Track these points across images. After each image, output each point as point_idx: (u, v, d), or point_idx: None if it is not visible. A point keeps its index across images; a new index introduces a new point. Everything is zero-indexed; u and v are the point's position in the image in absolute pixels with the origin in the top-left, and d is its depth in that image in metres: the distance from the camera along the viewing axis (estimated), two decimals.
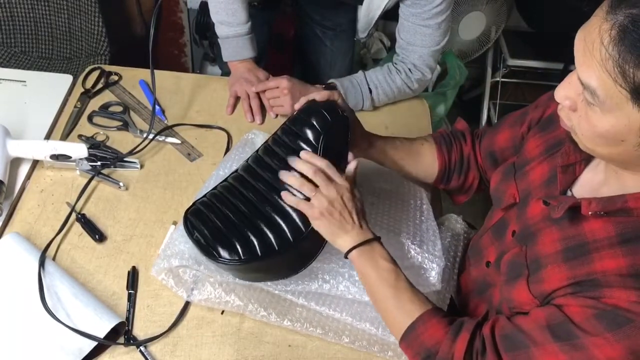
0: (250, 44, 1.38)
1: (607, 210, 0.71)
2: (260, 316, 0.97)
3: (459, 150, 1.09)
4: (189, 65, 2.44)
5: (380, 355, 0.96)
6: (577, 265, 0.73)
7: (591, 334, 0.68)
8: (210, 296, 0.98)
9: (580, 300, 0.71)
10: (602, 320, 0.68)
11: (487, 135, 1.07)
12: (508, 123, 1.03)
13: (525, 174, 0.91)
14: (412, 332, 0.84)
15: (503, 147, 1.03)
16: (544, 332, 0.73)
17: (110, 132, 1.28)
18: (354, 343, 0.96)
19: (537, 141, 0.92)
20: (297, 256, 0.92)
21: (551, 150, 0.87)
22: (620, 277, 0.68)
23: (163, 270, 1.00)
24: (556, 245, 0.77)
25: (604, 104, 0.64)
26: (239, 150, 1.19)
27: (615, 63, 0.61)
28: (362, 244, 0.88)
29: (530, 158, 0.91)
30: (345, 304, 0.97)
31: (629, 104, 0.62)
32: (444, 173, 1.09)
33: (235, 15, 1.34)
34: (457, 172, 1.10)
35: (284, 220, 0.89)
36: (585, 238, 0.74)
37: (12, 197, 1.13)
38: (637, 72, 0.59)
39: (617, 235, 0.71)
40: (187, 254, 0.98)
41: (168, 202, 1.16)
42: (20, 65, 1.95)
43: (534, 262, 0.80)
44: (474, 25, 2.33)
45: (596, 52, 0.62)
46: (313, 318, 0.98)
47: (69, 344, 0.91)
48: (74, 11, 1.89)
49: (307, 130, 0.91)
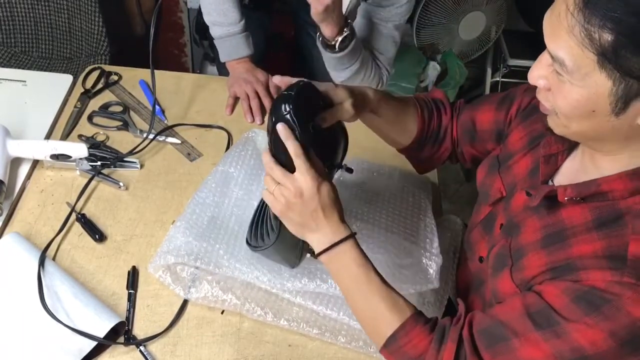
0: (245, 42, 1.38)
1: (583, 195, 0.72)
2: (257, 315, 0.98)
3: (438, 119, 1.05)
4: (189, 65, 2.44)
5: (376, 356, 0.96)
6: (555, 250, 0.74)
7: (571, 320, 0.68)
8: (207, 294, 0.98)
9: (558, 284, 0.71)
10: (580, 303, 0.68)
11: (466, 110, 1.04)
12: (491, 103, 1.01)
13: (509, 167, 0.91)
14: (394, 342, 0.80)
15: (485, 128, 1.01)
16: (524, 320, 0.72)
17: (110, 132, 1.28)
18: (350, 343, 0.96)
19: (520, 133, 0.91)
20: (287, 245, 0.92)
21: (534, 142, 0.87)
22: (595, 259, 0.69)
23: (160, 267, 1.00)
24: (537, 234, 0.78)
25: (573, 74, 0.65)
26: (239, 148, 1.19)
27: (582, 27, 0.62)
28: (330, 247, 0.82)
29: (514, 151, 0.91)
30: (342, 304, 0.97)
31: (596, 69, 0.63)
32: (420, 139, 1.04)
33: (227, 14, 1.34)
34: (432, 140, 1.05)
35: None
36: (564, 224, 0.75)
37: (12, 197, 1.13)
38: (602, 33, 0.61)
39: (593, 220, 0.71)
40: (183, 251, 0.99)
41: (168, 202, 1.16)
42: (20, 65, 1.94)
43: (517, 252, 0.81)
44: (474, 25, 2.33)
45: (562, 20, 0.64)
46: (310, 318, 0.98)
47: (69, 344, 0.91)
48: (74, 11, 1.88)
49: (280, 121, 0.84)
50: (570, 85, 0.67)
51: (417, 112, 1.03)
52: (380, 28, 1.30)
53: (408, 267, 0.97)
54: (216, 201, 1.08)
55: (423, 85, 2.26)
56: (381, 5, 1.27)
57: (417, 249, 1.01)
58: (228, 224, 1.06)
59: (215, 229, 1.04)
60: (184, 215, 1.05)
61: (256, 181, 1.14)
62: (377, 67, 1.33)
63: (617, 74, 0.62)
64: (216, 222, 1.05)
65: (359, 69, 1.28)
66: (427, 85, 2.27)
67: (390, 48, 1.33)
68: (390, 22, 1.30)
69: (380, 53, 1.33)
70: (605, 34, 0.61)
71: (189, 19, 2.27)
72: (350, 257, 0.82)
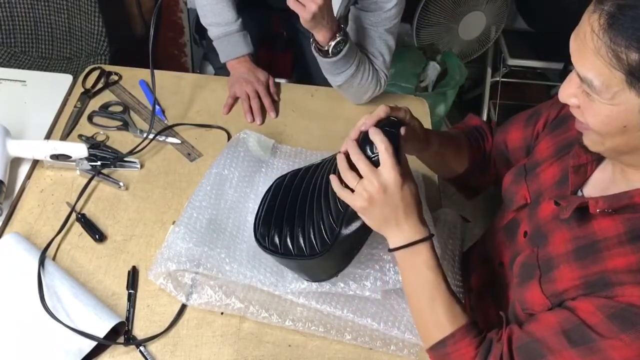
0: (243, 40, 1.38)
1: (614, 207, 0.72)
2: (262, 317, 0.97)
3: (483, 147, 1.08)
4: (189, 65, 2.44)
5: (383, 350, 0.96)
6: (588, 264, 0.74)
7: (606, 337, 0.68)
8: (210, 299, 0.98)
9: (593, 300, 0.71)
10: (616, 320, 0.68)
11: (498, 132, 1.07)
12: (519, 122, 1.03)
13: (536, 175, 0.91)
14: (441, 347, 0.83)
15: (515, 146, 1.03)
16: (559, 338, 0.73)
17: (110, 132, 1.28)
18: (357, 339, 0.96)
19: (548, 142, 0.92)
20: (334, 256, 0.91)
21: (562, 151, 0.88)
22: (631, 274, 0.69)
23: (161, 274, 1.00)
24: (567, 246, 0.78)
25: (602, 93, 0.67)
26: (231, 149, 1.18)
27: (608, 48, 0.64)
28: (406, 245, 0.83)
29: (542, 159, 0.92)
30: (346, 301, 0.97)
31: (625, 88, 0.65)
32: (470, 170, 1.07)
33: (222, 14, 1.34)
34: (480, 169, 1.08)
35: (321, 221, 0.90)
36: (596, 237, 0.75)
37: (12, 197, 1.13)
38: (629, 53, 0.62)
39: (626, 233, 0.71)
40: (184, 257, 0.98)
41: (168, 202, 1.16)
42: (20, 65, 1.95)
43: (546, 263, 0.81)
44: (474, 25, 2.33)
45: (589, 42, 0.65)
46: (314, 317, 0.98)
47: (69, 344, 0.91)
48: (74, 11, 1.89)
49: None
50: (600, 104, 0.68)
51: (467, 144, 1.06)
52: (371, 33, 1.29)
53: None
54: (212, 204, 1.08)
55: (423, 85, 2.26)
56: (369, 10, 1.27)
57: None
58: (226, 227, 1.05)
59: (214, 233, 1.03)
60: (181, 219, 1.04)
61: (250, 182, 1.14)
62: (374, 71, 1.32)
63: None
64: (214, 225, 1.05)
65: (354, 73, 1.27)
66: (427, 85, 2.27)
67: (385, 51, 1.32)
68: (381, 27, 1.29)
69: (375, 57, 1.32)
70: (632, 53, 0.62)
71: (189, 19, 2.27)
72: (424, 259, 0.83)
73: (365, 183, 0.80)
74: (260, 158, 1.19)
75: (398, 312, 0.97)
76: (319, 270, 0.94)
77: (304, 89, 1.46)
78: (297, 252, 0.91)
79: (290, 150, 1.25)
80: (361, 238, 0.92)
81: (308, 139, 1.32)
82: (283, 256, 0.92)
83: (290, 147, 1.26)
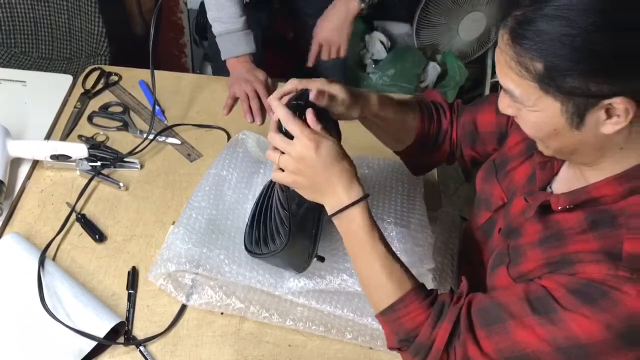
0: (244, 40, 1.38)
1: (575, 203, 0.74)
2: (262, 317, 0.98)
3: (438, 123, 1.05)
4: (189, 66, 2.44)
5: (383, 349, 0.96)
6: (551, 248, 0.76)
7: (569, 309, 0.69)
8: (210, 300, 0.98)
9: (556, 277, 0.72)
10: (577, 295, 0.69)
11: (466, 111, 1.04)
12: (491, 104, 1.00)
13: (507, 173, 0.92)
14: (391, 312, 0.81)
15: (487, 130, 1.01)
16: (522, 304, 0.73)
17: (110, 133, 1.28)
18: (357, 338, 0.97)
19: (517, 137, 0.92)
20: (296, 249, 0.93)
21: (532, 149, 0.88)
22: (592, 254, 0.70)
23: (161, 275, 1.00)
24: (536, 236, 0.80)
25: (524, 101, 0.70)
26: (230, 150, 1.18)
27: (516, 61, 0.67)
28: (339, 211, 0.80)
29: (512, 156, 0.92)
30: (346, 300, 0.97)
31: (542, 95, 0.68)
32: (418, 143, 1.04)
33: (225, 10, 1.34)
34: (430, 144, 1.05)
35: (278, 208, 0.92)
36: (560, 226, 0.77)
37: (12, 197, 1.13)
38: (534, 64, 0.66)
39: (588, 222, 0.73)
40: (184, 258, 0.98)
41: (168, 202, 1.16)
42: (20, 65, 1.95)
43: (515, 251, 0.82)
44: (474, 25, 2.32)
45: (501, 57, 0.70)
46: (315, 317, 0.98)
47: (69, 344, 0.91)
48: (74, 11, 1.89)
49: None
50: (527, 112, 0.72)
51: (418, 115, 1.03)
52: None
53: (402, 252, 0.97)
54: (211, 204, 1.08)
55: (423, 85, 2.26)
56: None
57: (409, 232, 1.01)
58: (225, 228, 1.06)
59: (213, 234, 1.03)
60: (181, 220, 1.04)
61: (248, 183, 1.14)
62: None
63: (561, 96, 0.66)
64: (214, 226, 1.05)
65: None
66: (427, 85, 2.26)
67: None
68: None
69: None
70: (536, 63, 0.66)
71: (189, 19, 2.27)
72: (359, 223, 0.81)
73: (284, 157, 0.80)
74: (259, 159, 1.19)
75: None
76: (294, 259, 0.94)
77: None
78: (271, 249, 0.92)
79: None
80: (313, 213, 0.93)
81: None
82: (262, 256, 0.94)
83: None
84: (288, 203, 0.89)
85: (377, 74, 2.14)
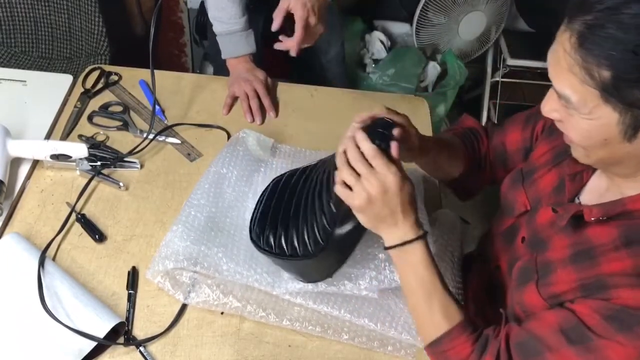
0: (245, 40, 1.37)
1: (609, 215, 0.74)
2: (259, 317, 0.97)
3: (479, 149, 1.08)
4: (189, 65, 2.44)
5: (380, 351, 0.96)
6: (584, 268, 0.75)
7: (604, 337, 0.69)
8: (208, 298, 0.98)
9: (590, 302, 0.72)
10: (613, 322, 0.68)
11: (496, 133, 1.07)
12: (518, 123, 1.03)
13: (534, 181, 0.92)
14: (438, 345, 0.84)
15: (514, 149, 1.04)
16: (557, 336, 0.74)
17: (110, 132, 1.28)
18: (354, 339, 0.96)
19: (544, 147, 0.93)
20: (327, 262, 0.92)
21: (559, 158, 0.88)
22: (626, 277, 0.70)
23: (159, 273, 0.99)
24: (565, 251, 0.79)
25: (580, 108, 0.68)
26: (230, 148, 1.18)
27: (581, 66, 0.65)
28: (402, 244, 0.84)
29: (538, 165, 0.93)
30: (343, 301, 0.97)
31: (601, 103, 0.66)
32: (466, 173, 1.07)
33: (226, 10, 1.33)
34: (475, 170, 1.09)
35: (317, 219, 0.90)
36: (592, 243, 0.76)
37: (12, 197, 1.13)
38: (601, 71, 0.64)
39: (621, 238, 0.72)
40: (182, 256, 0.98)
41: (168, 202, 1.16)
42: (20, 65, 1.94)
43: (544, 267, 0.82)
44: (474, 25, 2.32)
45: (562, 60, 0.67)
46: (312, 317, 0.98)
47: (69, 344, 0.91)
48: (74, 11, 1.88)
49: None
50: (579, 118, 0.70)
51: (461, 146, 1.06)
52: None
53: None
54: (211, 202, 1.08)
55: (423, 85, 2.26)
56: None
57: None
58: (224, 226, 1.05)
59: (212, 232, 1.03)
60: (179, 218, 1.04)
61: (248, 181, 1.14)
62: None
63: (622, 106, 0.65)
64: (212, 224, 1.05)
65: None
66: (427, 85, 2.26)
67: None
68: None
69: None
70: (603, 71, 0.64)
71: (189, 19, 2.27)
72: (419, 257, 0.84)
73: (365, 183, 0.80)
74: (259, 157, 1.19)
75: (395, 312, 0.97)
76: (312, 271, 0.94)
77: (304, 89, 1.46)
78: (290, 252, 0.91)
79: (289, 150, 1.25)
80: (355, 238, 0.92)
81: (308, 139, 1.32)
82: (277, 256, 0.92)
83: (290, 147, 1.26)
84: (335, 221, 0.88)
85: (377, 74, 2.14)
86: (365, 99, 1.45)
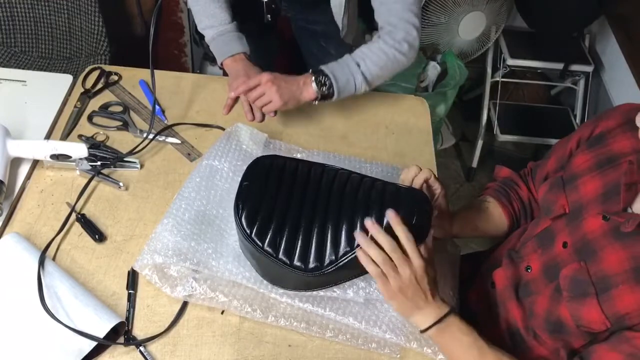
0: (237, 39, 1.36)
1: None
2: (245, 312, 0.97)
3: (518, 198, 1.11)
4: (189, 65, 2.44)
5: (364, 348, 0.97)
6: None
7: None
8: (194, 292, 0.98)
9: None
10: None
11: (538, 169, 1.09)
12: (556, 153, 1.05)
13: (576, 187, 0.92)
14: None
15: (553, 169, 1.05)
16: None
17: (110, 132, 1.28)
18: (338, 337, 0.97)
19: (585, 156, 0.93)
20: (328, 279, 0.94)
21: (603, 166, 0.89)
22: None
23: (147, 265, 0.99)
24: (624, 264, 0.79)
25: None
26: (223, 142, 1.18)
27: None
28: (438, 321, 0.88)
29: (579, 172, 0.93)
30: (328, 300, 0.98)
31: None
32: (513, 224, 1.11)
33: (216, 16, 1.33)
34: (523, 218, 1.11)
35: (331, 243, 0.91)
36: None
37: (12, 197, 1.13)
38: None
39: None
40: (171, 251, 0.98)
41: (168, 202, 1.15)
42: (20, 65, 1.95)
43: (601, 281, 0.81)
44: (474, 25, 2.32)
45: None
46: (297, 313, 0.98)
47: (69, 344, 0.91)
48: (74, 11, 1.89)
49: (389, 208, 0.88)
50: None
51: (498, 203, 1.10)
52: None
53: None
54: (202, 195, 1.07)
55: (423, 85, 2.26)
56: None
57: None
58: (214, 221, 1.05)
59: (202, 225, 1.03)
60: (170, 211, 1.04)
61: (240, 175, 1.13)
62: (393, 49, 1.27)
63: None
64: (203, 218, 1.04)
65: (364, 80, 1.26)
66: (427, 85, 2.27)
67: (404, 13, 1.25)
68: None
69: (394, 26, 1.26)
70: None
71: (189, 19, 2.27)
72: (457, 328, 0.88)
73: (402, 274, 0.84)
74: (252, 152, 1.19)
75: (380, 311, 0.98)
76: (301, 283, 0.95)
77: None
78: (283, 257, 0.91)
79: (282, 146, 1.25)
80: (355, 275, 0.94)
81: (308, 138, 1.32)
82: (265, 254, 0.91)
83: (283, 143, 1.26)
84: (344, 257, 0.90)
85: None
86: (365, 99, 1.44)
